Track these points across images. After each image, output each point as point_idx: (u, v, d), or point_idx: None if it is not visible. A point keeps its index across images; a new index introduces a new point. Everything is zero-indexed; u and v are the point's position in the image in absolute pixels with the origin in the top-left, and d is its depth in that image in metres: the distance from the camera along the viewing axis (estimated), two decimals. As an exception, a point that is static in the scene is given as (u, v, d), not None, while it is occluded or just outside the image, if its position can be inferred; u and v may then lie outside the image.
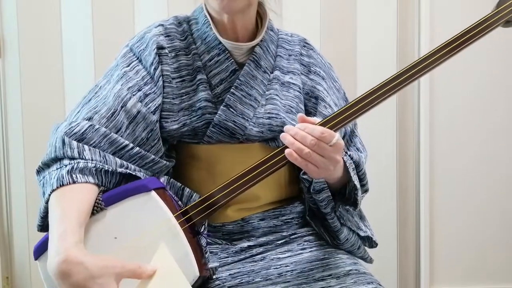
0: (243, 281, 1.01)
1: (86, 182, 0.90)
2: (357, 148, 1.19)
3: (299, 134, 0.90)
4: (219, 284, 1.00)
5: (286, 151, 0.90)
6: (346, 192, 1.11)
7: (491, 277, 2.11)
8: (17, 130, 2.00)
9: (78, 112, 1.00)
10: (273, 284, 1.00)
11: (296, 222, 1.15)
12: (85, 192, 0.89)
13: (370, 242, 1.19)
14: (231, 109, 1.06)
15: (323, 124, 0.94)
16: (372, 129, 1.94)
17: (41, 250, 0.88)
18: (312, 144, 0.89)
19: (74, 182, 0.89)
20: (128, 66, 1.04)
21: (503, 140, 2.07)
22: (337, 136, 0.92)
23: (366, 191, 1.14)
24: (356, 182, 1.07)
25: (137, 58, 1.05)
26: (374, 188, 1.26)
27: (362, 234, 1.16)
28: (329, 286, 0.99)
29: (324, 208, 1.10)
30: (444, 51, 0.99)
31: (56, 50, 1.97)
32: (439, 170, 2.06)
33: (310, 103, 1.14)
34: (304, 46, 1.18)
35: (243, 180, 0.94)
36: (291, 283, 1.00)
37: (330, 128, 0.93)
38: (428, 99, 2.01)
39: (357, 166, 1.09)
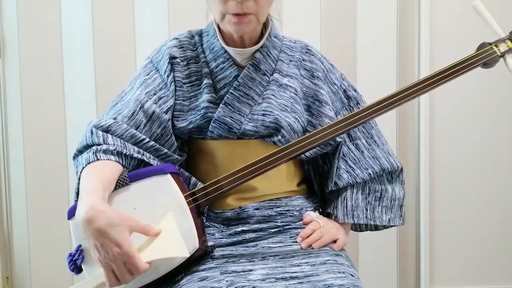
0: (230, 261, 1.12)
1: (108, 159, 1.08)
2: (389, 153, 1.33)
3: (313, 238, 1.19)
4: (209, 261, 1.12)
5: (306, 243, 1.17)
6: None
7: (491, 277, 2.12)
8: (17, 130, 2.00)
9: (107, 113, 1.20)
10: (252, 264, 1.11)
11: (291, 214, 1.23)
12: (107, 165, 1.08)
13: None
14: (229, 107, 1.20)
15: (330, 127, 1.15)
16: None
17: (73, 212, 1.07)
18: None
19: (98, 160, 1.08)
20: (148, 75, 1.22)
21: (504, 139, 2.07)
22: (311, 226, 1.20)
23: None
24: (398, 219, 1.31)
25: (155, 68, 1.23)
26: (374, 188, 1.27)
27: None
28: (302, 271, 1.08)
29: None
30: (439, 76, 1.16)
31: (56, 50, 1.98)
32: (439, 170, 2.07)
33: (314, 105, 1.26)
34: (307, 52, 1.29)
35: (245, 172, 1.11)
36: (268, 265, 1.11)
37: (332, 132, 1.15)
38: (428, 100, 2.01)
39: (401, 206, 1.32)
